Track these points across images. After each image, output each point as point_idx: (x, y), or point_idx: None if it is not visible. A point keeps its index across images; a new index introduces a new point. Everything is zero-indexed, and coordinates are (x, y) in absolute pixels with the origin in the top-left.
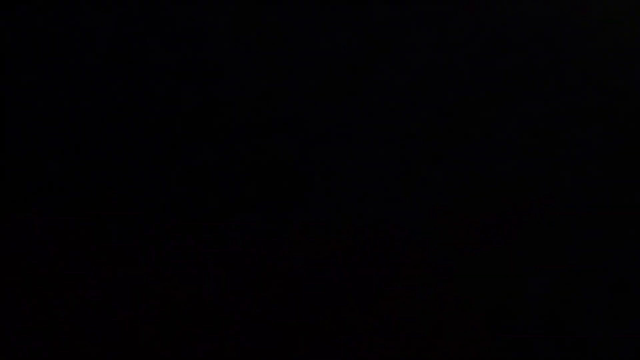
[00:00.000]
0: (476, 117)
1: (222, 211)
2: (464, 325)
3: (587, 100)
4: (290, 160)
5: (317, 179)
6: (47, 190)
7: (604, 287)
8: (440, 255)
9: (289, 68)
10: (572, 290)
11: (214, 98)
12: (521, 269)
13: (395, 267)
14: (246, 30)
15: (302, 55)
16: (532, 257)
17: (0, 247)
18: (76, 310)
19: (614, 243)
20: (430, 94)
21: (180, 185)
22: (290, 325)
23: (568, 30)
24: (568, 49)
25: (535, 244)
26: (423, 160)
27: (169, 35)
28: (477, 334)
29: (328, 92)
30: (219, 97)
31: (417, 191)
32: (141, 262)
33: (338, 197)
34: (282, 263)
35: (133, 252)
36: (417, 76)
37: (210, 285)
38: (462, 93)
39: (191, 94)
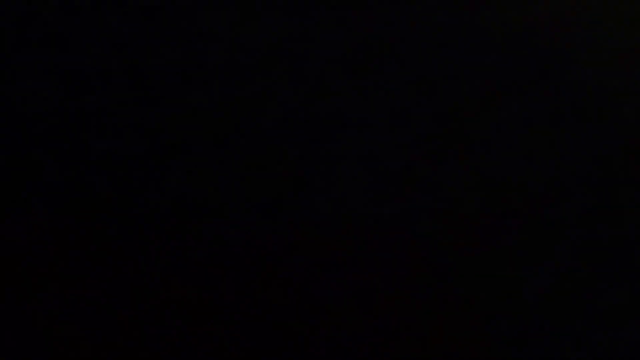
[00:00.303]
0: (476, 117)
1: (222, 211)
2: (464, 325)
3: (587, 100)
4: (290, 160)
5: (317, 179)
6: (46, 191)
7: (604, 287)
8: (440, 255)
9: (289, 68)
10: (571, 290)
11: (213, 98)
12: (521, 269)
13: (395, 267)
14: (246, 30)
15: (301, 55)
16: (532, 257)
17: (0, 247)
18: (76, 310)
19: (614, 243)
20: (430, 94)
21: (180, 185)
22: (289, 326)
23: (568, 31)
24: (568, 49)
25: (535, 244)
26: (423, 160)
27: (169, 35)
28: (477, 334)
29: (328, 92)
30: (218, 97)
31: (417, 191)
32: (141, 262)
33: (338, 197)
34: (281, 263)
35: (133, 252)
36: (417, 76)
37: (209, 285)
38: (462, 93)
39: (190, 94)
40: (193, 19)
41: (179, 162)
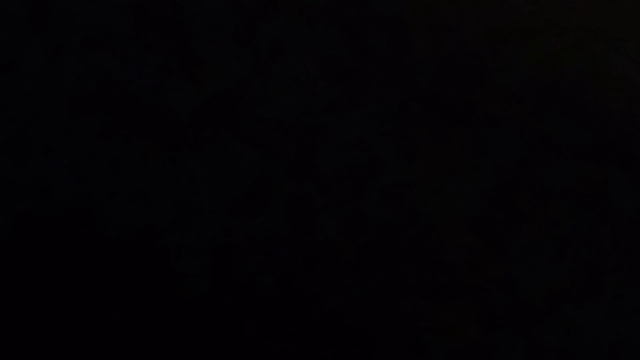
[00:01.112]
0: (475, 117)
1: (221, 210)
2: (463, 325)
3: (585, 100)
4: (290, 159)
5: (316, 178)
6: (45, 191)
7: (604, 287)
8: (439, 255)
9: (287, 67)
10: (571, 290)
11: (212, 98)
12: (520, 269)
13: (394, 267)
14: (244, 29)
15: (299, 54)
16: (532, 256)
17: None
18: (76, 310)
19: (614, 243)
20: (429, 94)
21: (179, 184)
22: (288, 326)
23: (566, 30)
24: (567, 49)
25: (535, 244)
26: (422, 160)
27: (167, 34)
28: (476, 334)
29: (326, 91)
30: (217, 96)
31: (415, 191)
32: (139, 261)
33: (336, 197)
34: (280, 262)
35: (131, 252)
36: (416, 76)
37: (208, 285)
38: (461, 93)
39: (189, 92)
40: (192, 18)
41: (177, 161)
